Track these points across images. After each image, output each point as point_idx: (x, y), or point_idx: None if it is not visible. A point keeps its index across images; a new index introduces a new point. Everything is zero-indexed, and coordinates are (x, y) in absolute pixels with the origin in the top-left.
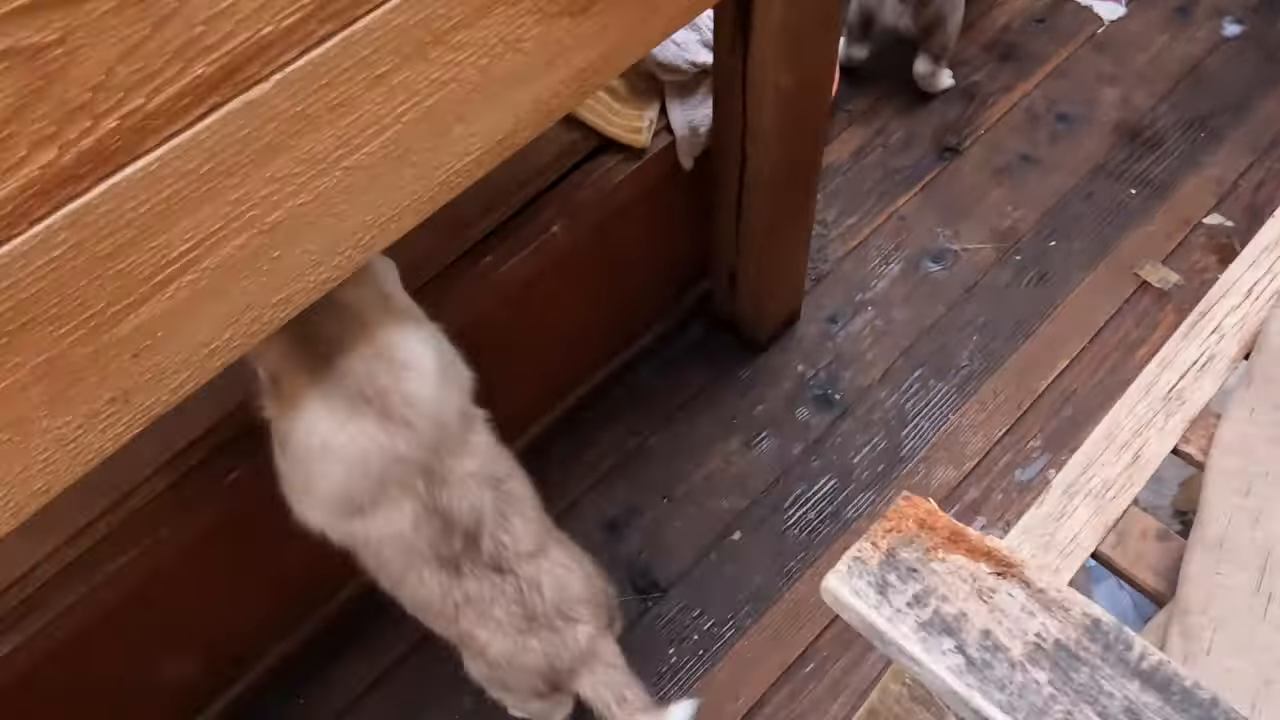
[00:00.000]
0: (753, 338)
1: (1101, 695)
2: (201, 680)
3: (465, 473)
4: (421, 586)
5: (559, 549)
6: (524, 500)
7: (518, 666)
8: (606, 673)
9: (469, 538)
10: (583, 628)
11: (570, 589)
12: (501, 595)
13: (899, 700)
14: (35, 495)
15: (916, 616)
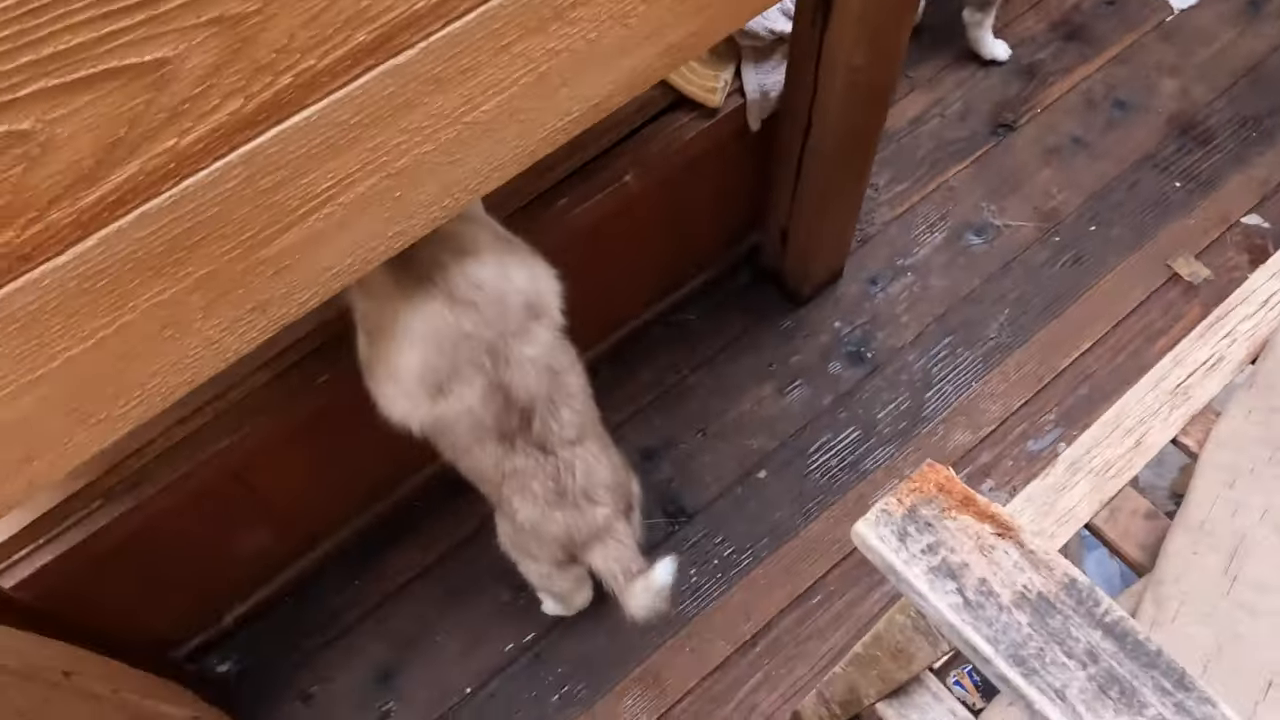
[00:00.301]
0: (796, 291)
1: (1069, 639)
2: (274, 553)
3: (525, 357)
4: (482, 457)
5: (595, 442)
6: (576, 395)
7: (542, 534)
8: (617, 548)
9: (524, 417)
10: (601, 509)
11: (598, 475)
12: (541, 472)
13: (902, 630)
14: (182, 384)
15: (927, 562)
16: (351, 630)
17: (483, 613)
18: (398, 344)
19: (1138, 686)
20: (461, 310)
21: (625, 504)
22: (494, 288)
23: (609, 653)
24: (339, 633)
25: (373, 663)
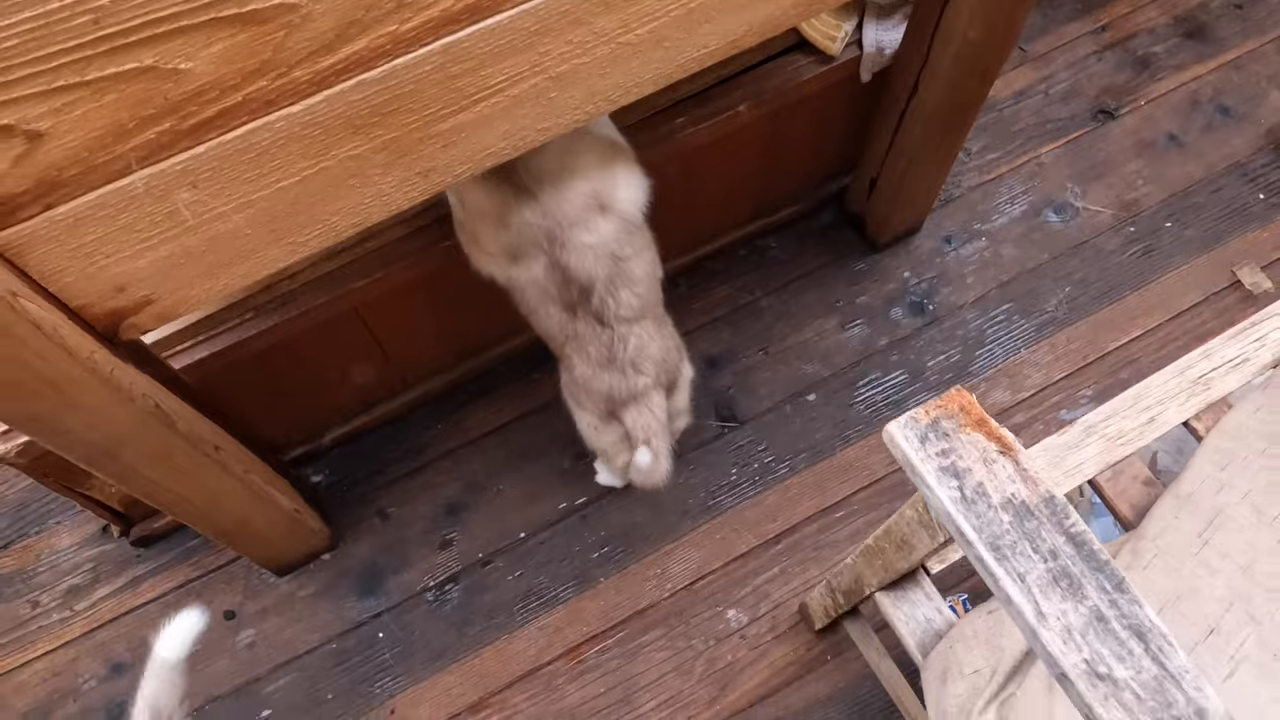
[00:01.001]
0: (874, 238)
1: (1038, 539)
2: (375, 388)
3: (583, 243)
4: (548, 318)
5: (653, 323)
6: (639, 280)
7: (590, 388)
8: (646, 415)
9: (583, 292)
10: (643, 379)
11: (647, 350)
12: (597, 339)
13: (909, 523)
14: (352, 225)
15: (939, 463)
16: (429, 467)
17: (543, 473)
18: (475, 218)
19: (1084, 583)
20: (523, 199)
21: (669, 380)
22: (551, 180)
23: (648, 528)
24: (418, 467)
25: (444, 497)
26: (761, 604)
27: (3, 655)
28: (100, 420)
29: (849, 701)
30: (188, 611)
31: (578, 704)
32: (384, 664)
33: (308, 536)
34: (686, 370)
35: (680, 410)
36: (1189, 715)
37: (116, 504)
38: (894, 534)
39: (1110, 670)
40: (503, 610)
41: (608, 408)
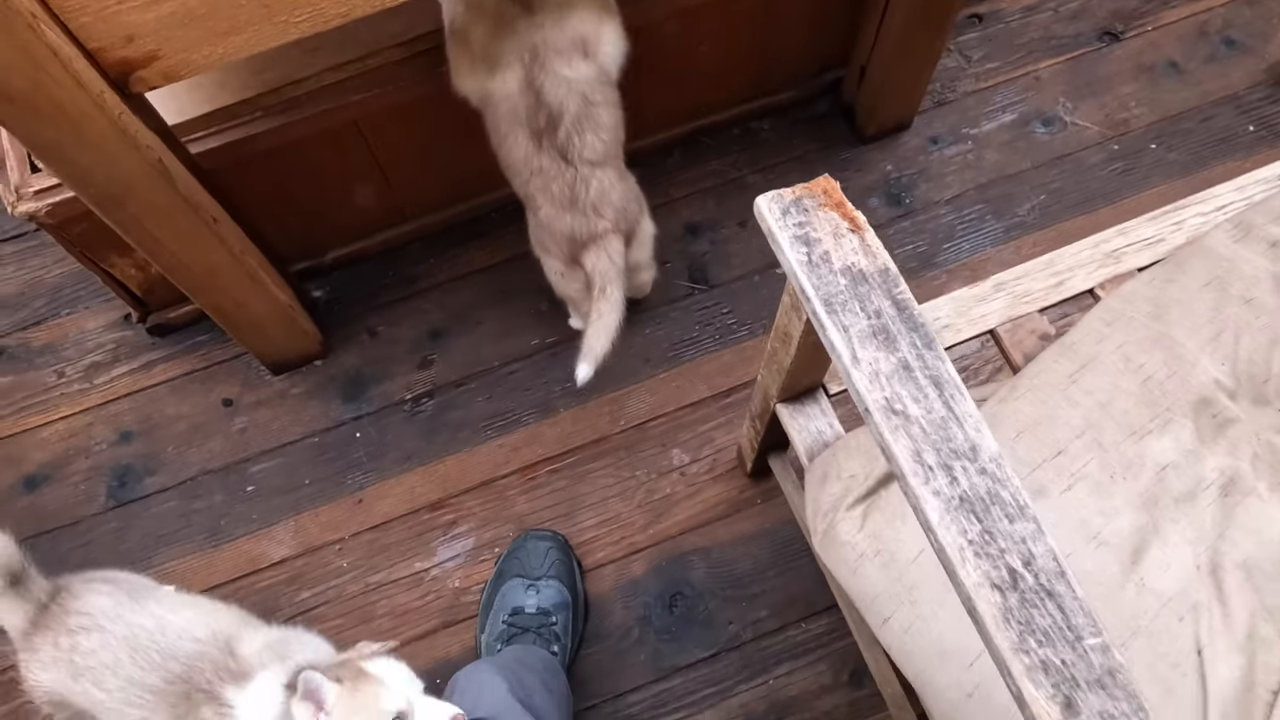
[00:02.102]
0: (862, 129)
1: (867, 301)
2: (374, 215)
3: (561, 74)
4: (515, 147)
5: (615, 171)
6: (604, 127)
7: (553, 229)
8: (604, 260)
9: (550, 121)
10: (603, 222)
11: (607, 196)
12: (561, 177)
13: (785, 311)
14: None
15: (794, 232)
16: (418, 295)
17: (521, 312)
18: (476, 12)
19: (899, 339)
20: (521, 12)
21: (628, 229)
22: (554, 9)
23: (613, 370)
24: (408, 294)
25: (428, 323)
26: (704, 448)
27: (29, 414)
28: (108, 161)
29: (770, 540)
30: None
31: (526, 513)
32: (358, 460)
33: (301, 338)
34: (647, 225)
35: (641, 263)
36: (965, 449)
37: (136, 288)
38: (779, 327)
39: (905, 408)
40: (469, 426)
41: (570, 251)
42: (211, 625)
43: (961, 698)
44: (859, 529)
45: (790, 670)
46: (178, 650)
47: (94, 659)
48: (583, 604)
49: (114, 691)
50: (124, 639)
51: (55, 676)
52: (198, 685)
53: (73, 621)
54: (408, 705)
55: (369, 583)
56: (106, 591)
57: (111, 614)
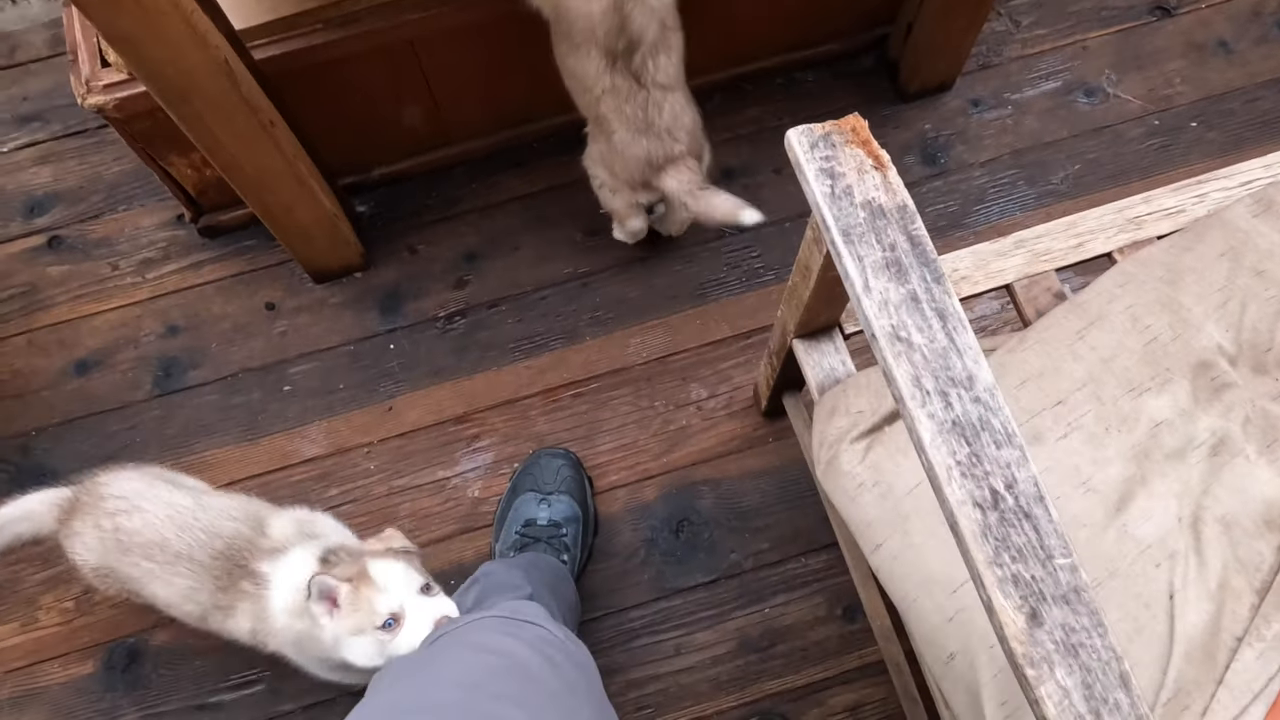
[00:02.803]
0: (905, 87)
1: (883, 234)
2: (421, 135)
3: (649, 6)
4: (586, 60)
5: (684, 98)
6: (675, 50)
7: (627, 154)
8: (687, 174)
9: (629, 46)
10: (679, 145)
11: (680, 120)
12: (634, 99)
13: (807, 245)
14: None
15: (820, 165)
16: (458, 218)
17: (557, 241)
18: None
19: (910, 272)
20: None
21: (697, 153)
22: None
23: (639, 303)
24: (449, 216)
25: (466, 244)
26: (722, 385)
27: (83, 302)
28: (178, 57)
29: (778, 478)
30: None
31: (546, 432)
32: (390, 370)
33: (344, 248)
34: (707, 155)
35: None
36: (962, 377)
37: (191, 188)
38: (800, 261)
39: (909, 336)
40: (498, 347)
41: (643, 176)
42: (244, 507)
43: (943, 621)
44: (860, 460)
45: (786, 601)
46: (220, 528)
47: (139, 537)
48: (593, 519)
49: (163, 563)
50: (167, 518)
51: (102, 553)
52: (237, 561)
53: (110, 505)
54: (400, 608)
55: (394, 485)
56: (135, 476)
57: (148, 495)
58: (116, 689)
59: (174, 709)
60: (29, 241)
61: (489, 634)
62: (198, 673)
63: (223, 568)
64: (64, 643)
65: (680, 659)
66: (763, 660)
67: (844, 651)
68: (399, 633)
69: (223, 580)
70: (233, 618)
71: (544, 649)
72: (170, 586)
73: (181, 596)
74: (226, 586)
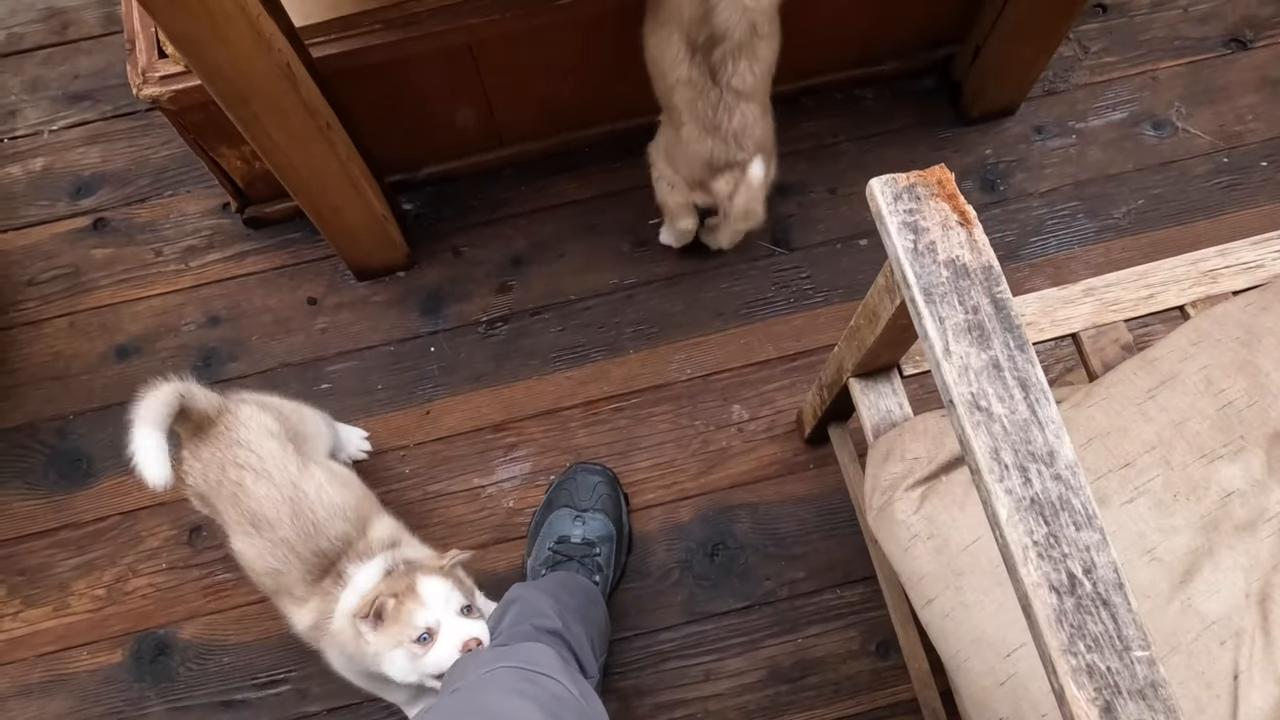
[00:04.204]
0: (967, 110)
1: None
2: (472, 137)
3: (740, 3)
4: (669, 44)
5: (759, 107)
6: (760, 60)
7: (690, 150)
8: (739, 189)
9: (710, 40)
10: (743, 154)
11: (749, 130)
12: (707, 96)
13: (877, 291)
14: None
15: (903, 218)
16: (506, 221)
17: (604, 250)
18: None
19: (993, 337)
20: None
21: (764, 158)
22: None
23: (683, 318)
24: (496, 219)
25: (512, 249)
26: (764, 407)
27: (126, 287)
28: (241, 59)
29: (817, 506)
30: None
31: (584, 445)
32: (430, 373)
33: (389, 248)
34: (771, 170)
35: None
36: (1043, 453)
37: (239, 179)
38: (867, 306)
39: (989, 405)
40: (539, 355)
41: (701, 174)
42: (357, 507)
43: (994, 685)
44: (915, 510)
45: (820, 632)
46: (331, 528)
47: (254, 504)
48: (627, 538)
49: (266, 539)
50: (288, 500)
51: (213, 494)
52: (333, 560)
53: (242, 456)
54: (436, 623)
55: (428, 491)
56: (275, 433)
57: (281, 466)
58: (144, 680)
59: (200, 704)
60: (75, 223)
61: (506, 694)
62: (225, 669)
63: (318, 565)
64: (94, 630)
65: (710, 685)
66: (793, 691)
67: (876, 688)
68: (431, 649)
69: (313, 575)
70: (302, 608)
71: (557, 710)
72: (260, 559)
73: (266, 570)
74: (312, 582)
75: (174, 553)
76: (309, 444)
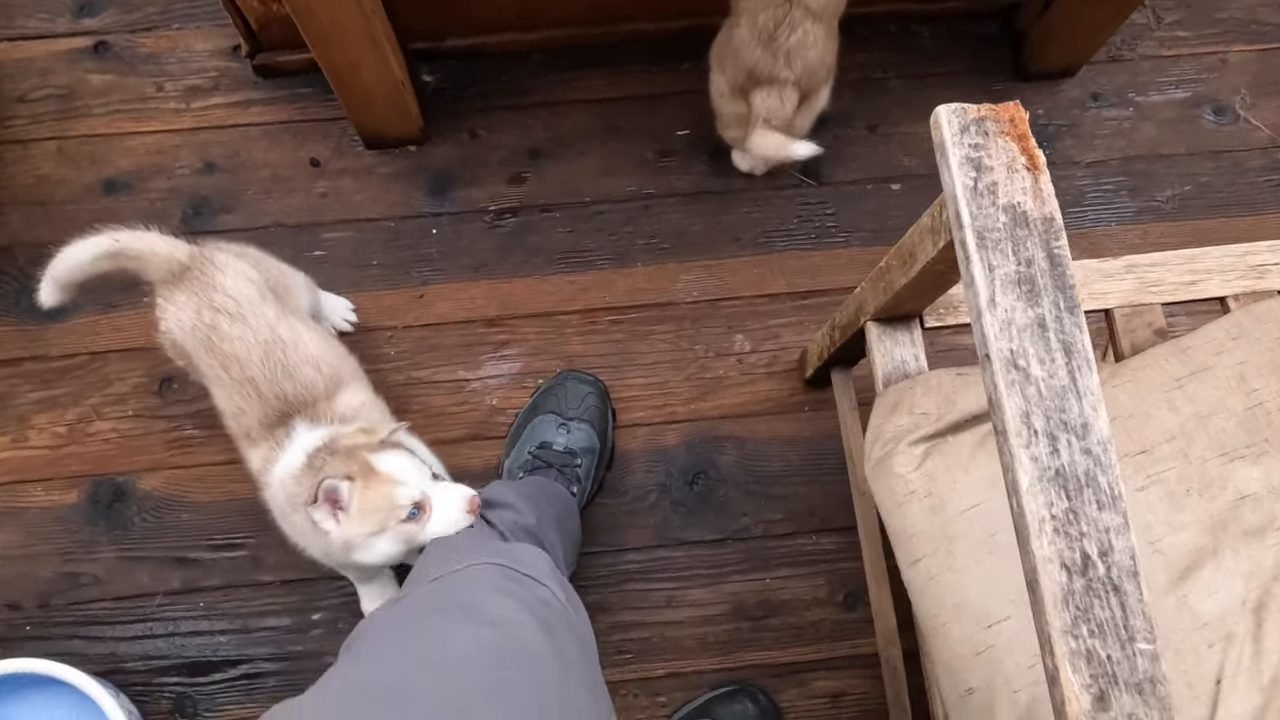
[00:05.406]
0: (1025, 64)
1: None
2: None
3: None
4: None
5: (825, 32)
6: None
7: (739, 56)
8: (776, 100)
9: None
10: (788, 72)
11: (805, 52)
12: (772, 8)
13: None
14: None
15: (967, 153)
16: (527, 109)
17: (626, 155)
18: None
19: (1043, 295)
20: None
21: (805, 90)
22: None
23: (698, 238)
24: (517, 105)
25: (530, 139)
26: (768, 341)
27: (122, 118)
28: None
29: (806, 450)
30: None
31: (577, 353)
32: (428, 256)
33: (403, 118)
34: (823, 97)
35: (797, 129)
36: (1077, 424)
37: (254, 20)
38: (904, 246)
39: (1028, 366)
40: (544, 254)
41: (742, 83)
42: (335, 366)
43: (970, 653)
44: (916, 467)
45: (789, 576)
46: (299, 374)
47: (228, 346)
48: (609, 454)
49: (233, 378)
50: (262, 343)
51: (188, 339)
52: (290, 411)
53: (218, 300)
54: (423, 495)
55: (412, 376)
56: (253, 279)
57: (257, 309)
58: (97, 524)
59: (152, 556)
60: (74, 42)
61: (490, 592)
62: (182, 525)
63: (277, 409)
64: (50, 467)
65: (670, 611)
66: (754, 629)
67: (837, 638)
68: (429, 519)
69: (270, 419)
70: (254, 450)
71: (544, 615)
72: (228, 398)
73: (231, 411)
74: (268, 426)
75: (142, 401)
76: (289, 298)
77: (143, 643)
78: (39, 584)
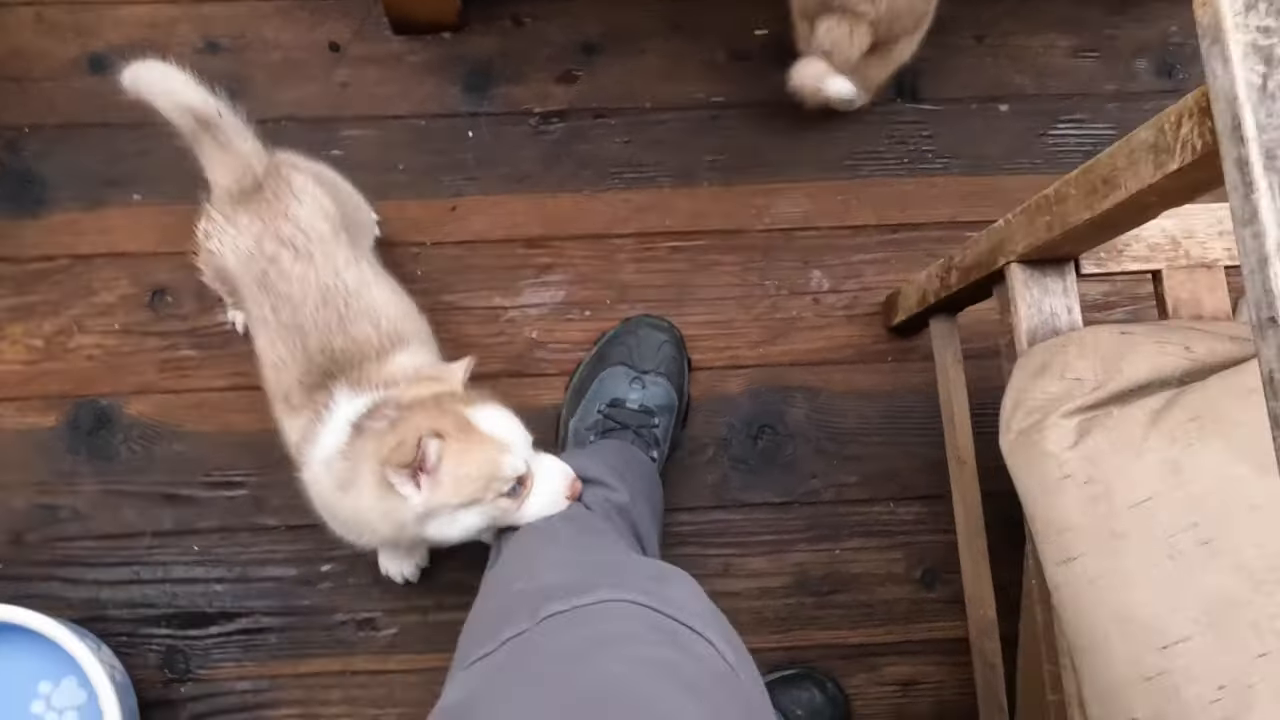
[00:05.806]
0: None
1: None
2: None
3: None
4: None
5: None
6: None
7: None
8: (841, 31)
9: None
10: (865, 5)
11: None
12: None
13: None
14: None
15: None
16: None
17: (694, 57)
18: None
19: None
20: None
21: (884, 35)
22: None
23: (773, 156)
24: None
25: (584, 32)
26: (849, 280)
27: None
28: None
29: (887, 405)
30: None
31: (630, 283)
32: (462, 162)
33: None
34: (907, 50)
35: (870, 82)
36: None
37: None
38: (1098, 169)
39: None
40: (595, 167)
41: (812, 7)
42: (396, 322)
43: (1136, 677)
44: (1072, 444)
45: (861, 547)
46: (353, 328)
47: (284, 285)
48: (685, 408)
49: (279, 322)
50: (322, 287)
51: (242, 272)
52: (337, 370)
53: (286, 230)
54: (524, 467)
55: (440, 300)
56: (330, 215)
57: (329, 250)
58: (79, 453)
59: (140, 491)
60: None
61: (632, 665)
62: (175, 458)
63: (321, 369)
64: (25, 385)
65: (726, 580)
66: (818, 605)
67: (912, 619)
68: (527, 500)
69: (310, 379)
70: (293, 420)
71: (718, 701)
72: (271, 346)
73: (271, 362)
74: (308, 389)
75: (131, 314)
76: (359, 235)
77: (128, 588)
78: (11, 517)
